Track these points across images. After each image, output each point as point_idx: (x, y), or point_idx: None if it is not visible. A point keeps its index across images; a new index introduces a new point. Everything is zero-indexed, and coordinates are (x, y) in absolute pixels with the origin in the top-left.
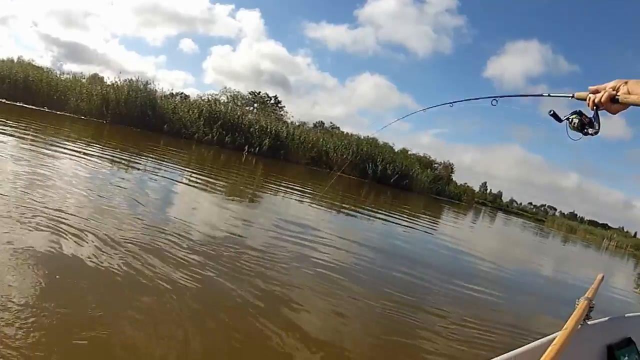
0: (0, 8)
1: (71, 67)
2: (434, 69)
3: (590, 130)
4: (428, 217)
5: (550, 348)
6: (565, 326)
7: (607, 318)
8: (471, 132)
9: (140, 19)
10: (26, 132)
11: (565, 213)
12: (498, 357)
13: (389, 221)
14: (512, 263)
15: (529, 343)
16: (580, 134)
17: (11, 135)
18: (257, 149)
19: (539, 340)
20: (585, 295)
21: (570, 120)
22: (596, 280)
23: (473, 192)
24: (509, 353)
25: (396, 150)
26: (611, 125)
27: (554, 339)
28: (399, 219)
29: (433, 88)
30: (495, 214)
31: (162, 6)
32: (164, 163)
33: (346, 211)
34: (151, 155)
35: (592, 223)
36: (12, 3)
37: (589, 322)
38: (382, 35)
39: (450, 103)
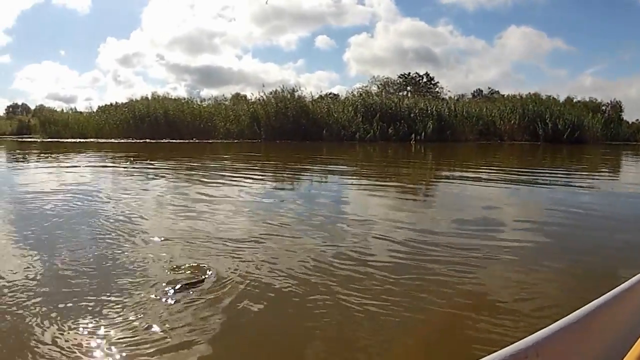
0: (119, 49)
1: (209, 92)
2: (575, 3)
3: None
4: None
5: None
6: None
7: None
8: (628, 60)
9: (268, 28)
10: (184, 167)
11: None
12: (616, 288)
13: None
14: None
15: None
16: None
17: (179, 174)
18: (423, 134)
19: None
20: None
21: None
22: None
23: None
24: (622, 284)
25: (561, 101)
26: None
27: None
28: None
29: (580, 24)
30: None
31: (287, 10)
32: (333, 170)
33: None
34: (317, 166)
35: None
36: (130, 42)
37: None
38: None
39: None
